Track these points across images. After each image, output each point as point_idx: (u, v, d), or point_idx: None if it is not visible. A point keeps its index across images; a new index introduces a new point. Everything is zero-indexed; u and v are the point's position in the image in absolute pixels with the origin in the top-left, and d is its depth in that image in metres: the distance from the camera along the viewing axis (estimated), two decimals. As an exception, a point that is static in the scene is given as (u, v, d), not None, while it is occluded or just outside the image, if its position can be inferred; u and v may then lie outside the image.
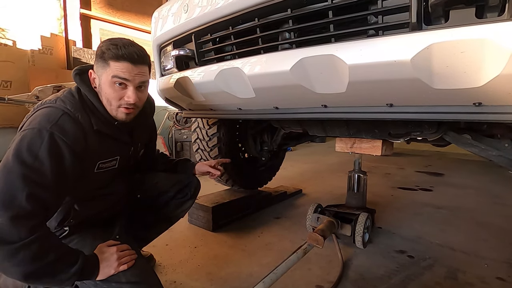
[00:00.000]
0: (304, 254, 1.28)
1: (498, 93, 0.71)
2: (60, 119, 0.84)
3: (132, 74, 0.91)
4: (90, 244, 0.93)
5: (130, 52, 0.90)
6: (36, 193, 0.75)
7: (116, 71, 0.89)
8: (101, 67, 0.91)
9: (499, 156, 1.19)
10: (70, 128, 0.84)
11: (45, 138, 0.79)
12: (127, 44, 0.91)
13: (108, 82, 0.90)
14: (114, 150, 1.01)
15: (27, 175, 0.75)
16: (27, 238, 0.71)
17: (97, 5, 5.01)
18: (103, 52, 0.89)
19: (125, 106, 0.94)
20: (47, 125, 0.81)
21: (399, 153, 5.24)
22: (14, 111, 3.66)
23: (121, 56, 0.88)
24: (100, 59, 0.91)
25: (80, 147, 0.86)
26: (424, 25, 0.73)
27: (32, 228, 0.73)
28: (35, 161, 0.77)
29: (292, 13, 0.94)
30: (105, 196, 1.07)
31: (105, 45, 0.90)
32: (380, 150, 1.53)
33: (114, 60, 0.89)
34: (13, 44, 4.03)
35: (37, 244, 0.73)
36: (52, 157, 0.79)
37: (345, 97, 0.95)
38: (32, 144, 0.78)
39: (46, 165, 0.77)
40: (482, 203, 2.48)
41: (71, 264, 0.79)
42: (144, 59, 0.94)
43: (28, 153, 0.77)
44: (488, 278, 1.35)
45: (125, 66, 0.89)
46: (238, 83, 1.15)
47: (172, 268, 1.43)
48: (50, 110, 0.86)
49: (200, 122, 2.05)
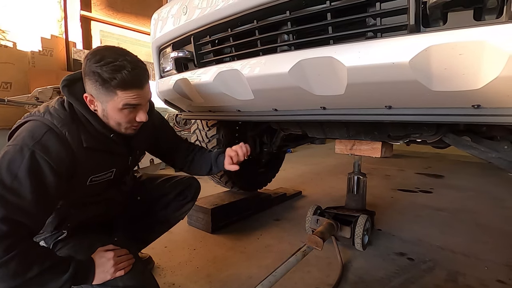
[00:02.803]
0: (303, 256, 1.27)
1: (496, 95, 0.71)
2: (44, 137, 0.79)
3: (142, 97, 0.88)
4: (87, 247, 0.92)
5: (136, 77, 0.85)
6: (13, 215, 0.71)
7: (127, 99, 0.85)
8: (105, 95, 0.84)
9: (499, 158, 1.19)
10: (54, 147, 0.80)
11: (25, 157, 0.75)
12: (128, 66, 0.82)
13: (118, 109, 0.86)
14: (109, 163, 0.98)
15: (4, 196, 0.71)
16: (4, 257, 0.68)
17: (98, 7, 5.03)
18: (104, 80, 0.81)
19: (136, 125, 0.93)
20: (29, 142, 0.77)
21: (399, 155, 5.23)
22: (13, 112, 3.66)
23: (130, 85, 0.83)
24: (102, 87, 0.82)
25: (64, 167, 0.81)
26: (422, 27, 0.73)
27: (8, 247, 0.69)
28: (14, 181, 0.73)
29: (290, 15, 0.94)
30: (102, 202, 1.05)
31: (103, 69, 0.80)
32: (379, 152, 1.53)
33: (122, 89, 0.83)
34: (13, 45, 4.04)
35: (15, 261, 0.70)
36: (32, 177, 0.75)
37: (343, 99, 0.95)
38: (12, 162, 0.75)
39: (25, 186, 0.74)
40: (482, 205, 2.47)
41: (61, 272, 0.77)
42: (147, 77, 0.90)
43: (7, 172, 0.73)
44: (488, 280, 1.34)
45: (135, 93, 0.85)
46: (237, 85, 1.15)
47: (171, 270, 1.42)
48: (35, 124, 0.82)
49: (200, 123, 2.05)
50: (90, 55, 0.83)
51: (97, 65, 0.81)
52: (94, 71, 0.81)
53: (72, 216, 0.96)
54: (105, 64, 0.81)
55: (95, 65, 0.81)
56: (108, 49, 0.85)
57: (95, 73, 0.81)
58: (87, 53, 0.85)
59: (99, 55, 0.82)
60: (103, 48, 0.86)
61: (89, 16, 4.89)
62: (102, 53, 0.83)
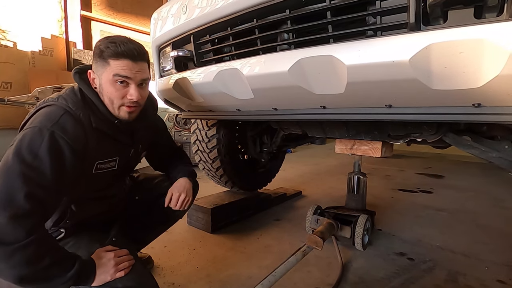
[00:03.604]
0: (303, 256, 1.27)
1: (497, 94, 0.71)
2: (61, 118, 0.83)
3: (133, 71, 0.90)
4: (86, 247, 0.92)
5: (129, 49, 0.89)
6: (35, 192, 0.74)
7: (117, 69, 0.88)
8: (101, 66, 0.90)
9: (499, 158, 1.18)
10: (71, 127, 0.84)
11: (45, 137, 0.79)
12: (126, 41, 0.90)
13: (109, 81, 0.89)
14: (113, 150, 1.00)
15: (26, 174, 0.74)
16: (25, 240, 0.70)
17: (98, 7, 5.03)
18: (101, 50, 0.88)
19: (128, 105, 0.94)
20: (48, 123, 0.81)
21: (399, 155, 5.23)
22: (14, 112, 3.66)
23: (121, 54, 0.88)
24: (99, 58, 0.89)
25: (80, 146, 0.85)
26: (422, 25, 0.73)
27: (30, 229, 0.72)
28: (35, 160, 0.76)
29: (290, 13, 0.93)
30: (103, 199, 1.06)
31: (103, 43, 0.89)
32: (379, 152, 1.53)
33: (114, 58, 0.88)
34: (13, 45, 4.04)
35: (33, 246, 0.72)
36: (52, 156, 0.78)
37: (343, 98, 0.95)
38: (32, 142, 0.78)
39: (46, 164, 0.77)
40: (482, 205, 2.47)
41: (67, 269, 0.78)
42: (144, 56, 0.94)
43: (28, 151, 0.76)
44: (488, 281, 1.34)
45: (125, 63, 0.89)
46: (237, 84, 1.15)
47: (170, 270, 1.42)
48: (51, 108, 0.86)
49: (200, 123, 2.05)
50: (99, 40, 0.92)
51: (100, 43, 0.90)
52: (96, 46, 0.90)
53: (72, 214, 0.96)
54: (106, 40, 0.90)
55: (99, 43, 0.90)
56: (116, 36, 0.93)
57: (96, 48, 0.90)
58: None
59: (106, 38, 0.91)
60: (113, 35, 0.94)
61: (89, 16, 4.89)
62: (109, 37, 0.92)
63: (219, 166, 2.05)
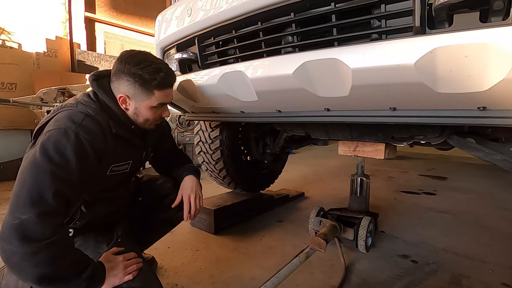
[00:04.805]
0: (306, 258, 1.27)
1: (502, 97, 0.71)
2: (84, 121, 0.86)
3: (171, 96, 1.01)
4: (93, 247, 0.93)
5: (170, 77, 0.97)
6: (63, 190, 0.77)
7: (162, 99, 0.96)
8: (143, 95, 0.94)
9: (504, 160, 1.18)
10: (93, 130, 0.87)
11: (71, 138, 0.81)
12: (163, 67, 0.94)
13: (151, 107, 0.96)
14: (128, 154, 1.03)
15: (55, 172, 0.76)
16: (50, 238, 0.72)
17: (102, 8, 5.06)
18: (145, 80, 0.91)
19: (158, 121, 1.04)
20: (72, 125, 0.84)
21: (402, 157, 5.21)
22: (18, 113, 3.70)
23: (166, 85, 0.96)
24: (141, 87, 0.92)
25: (101, 148, 0.89)
26: (427, 29, 0.73)
27: (56, 227, 0.74)
28: (62, 159, 0.78)
29: (295, 16, 0.94)
30: (112, 199, 1.08)
31: (144, 71, 0.90)
32: (383, 154, 1.53)
33: (160, 89, 0.94)
34: (18, 47, 4.08)
35: (57, 245, 0.73)
36: (77, 156, 0.81)
37: (348, 100, 0.95)
38: (58, 142, 0.80)
39: (72, 164, 0.79)
40: (486, 207, 2.45)
41: (83, 270, 0.79)
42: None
43: (55, 151, 0.79)
44: (492, 284, 1.33)
45: (169, 92, 0.98)
46: (241, 86, 1.15)
47: (174, 271, 1.43)
48: (72, 112, 0.88)
49: (203, 124, 2.06)
50: (127, 59, 0.91)
51: (137, 68, 0.90)
52: (134, 73, 0.90)
53: (82, 214, 0.98)
54: (145, 67, 0.91)
55: (135, 67, 0.90)
56: (141, 53, 0.95)
57: (136, 75, 0.90)
58: (121, 57, 0.93)
59: (137, 59, 0.91)
60: (136, 52, 0.95)
61: (93, 18, 4.92)
62: (138, 57, 0.92)
63: (222, 167, 2.06)
